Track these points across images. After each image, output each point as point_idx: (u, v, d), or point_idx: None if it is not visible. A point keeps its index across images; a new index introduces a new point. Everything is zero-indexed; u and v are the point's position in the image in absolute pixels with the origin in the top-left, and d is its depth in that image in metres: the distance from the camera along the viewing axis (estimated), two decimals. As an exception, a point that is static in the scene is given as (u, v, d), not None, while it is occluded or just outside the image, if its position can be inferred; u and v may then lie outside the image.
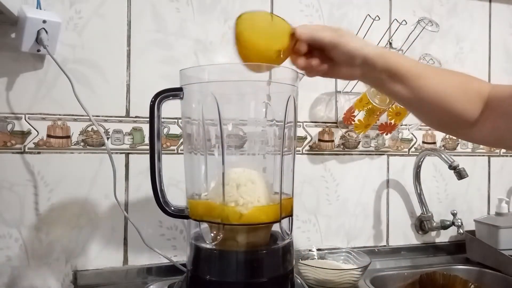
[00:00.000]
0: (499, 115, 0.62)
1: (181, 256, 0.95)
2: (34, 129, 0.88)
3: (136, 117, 0.94)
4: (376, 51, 0.61)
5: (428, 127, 1.18)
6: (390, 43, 1.12)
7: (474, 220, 1.16)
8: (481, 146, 1.24)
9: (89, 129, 0.91)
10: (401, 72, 0.62)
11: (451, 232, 1.19)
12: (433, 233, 1.19)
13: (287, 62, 0.64)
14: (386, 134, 1.12)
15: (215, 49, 0.99)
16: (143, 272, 0.93)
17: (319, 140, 1.09)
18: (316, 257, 1.01)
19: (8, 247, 0.86)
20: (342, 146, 1.11)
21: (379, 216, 1.14)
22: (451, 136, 1.21)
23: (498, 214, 1.13)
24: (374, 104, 0.99)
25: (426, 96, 0.63)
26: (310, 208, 1.08)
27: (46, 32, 0.81)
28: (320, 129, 1.09)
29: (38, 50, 0.83)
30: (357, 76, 0.64)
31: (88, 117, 0.85)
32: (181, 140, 0.96)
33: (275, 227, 0.66)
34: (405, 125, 1.16)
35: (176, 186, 0.93)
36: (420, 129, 1.18)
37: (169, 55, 0.96)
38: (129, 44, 0.93)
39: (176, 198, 0.69)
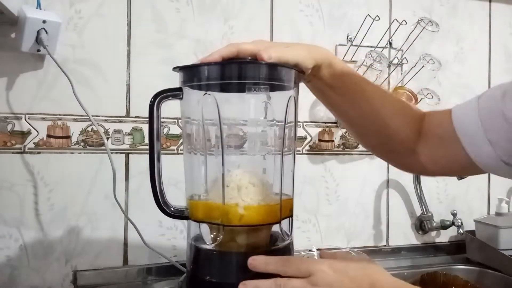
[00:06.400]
0: (435, 140, 0.62)
1: (181, 256, 0.95)
2: (34, 129, 0.87)
3: (136, 117, 0.94)
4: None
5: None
6: (390, 43, 1.12)
7: (474, 220, 1.16)
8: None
9: (89, 129, 0.91)
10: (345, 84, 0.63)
11: (451, 232, 1.19)
12: (433, 233, 1.19)
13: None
14: (386, 134, 1.11)
15: (215, 49, 0.98)
16: (143, 272, 0.93)
17: (319, 140, 1.09)
18: (316, 257, 1.01)
19: (8, 247, 0.86)
20: (342, 146, 1.11)
21: (379, 216, 1.14)
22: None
23: (498, 214, 1.13)
24: (374, 104, 0.99)
25: (365, 109, 0.64)
26: (310, 208, 1.08)
27: (46, 32, 0.81)
28: (320, 129, 1.09)
29: (38, 50, 0.83)
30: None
31: (88, 117, 0.85)
32: (181, 140, 0.96)
33: (275, 228, 0.66)
34: (405, 125, 1.15)
35: (176, 186, 0.93)
36: (420, 129, 1.18)
37: (169, 55, 0.96)
38: (129, 44, 0.93)
39: (176, 198, 0.69)
